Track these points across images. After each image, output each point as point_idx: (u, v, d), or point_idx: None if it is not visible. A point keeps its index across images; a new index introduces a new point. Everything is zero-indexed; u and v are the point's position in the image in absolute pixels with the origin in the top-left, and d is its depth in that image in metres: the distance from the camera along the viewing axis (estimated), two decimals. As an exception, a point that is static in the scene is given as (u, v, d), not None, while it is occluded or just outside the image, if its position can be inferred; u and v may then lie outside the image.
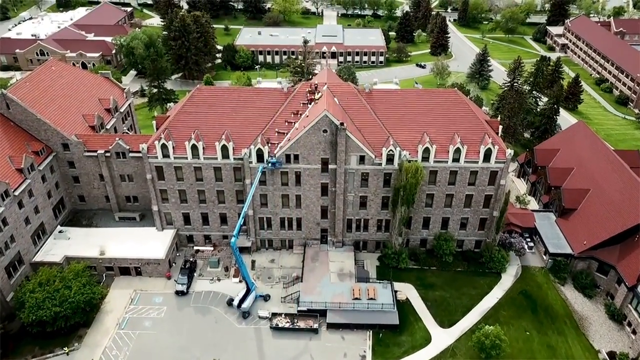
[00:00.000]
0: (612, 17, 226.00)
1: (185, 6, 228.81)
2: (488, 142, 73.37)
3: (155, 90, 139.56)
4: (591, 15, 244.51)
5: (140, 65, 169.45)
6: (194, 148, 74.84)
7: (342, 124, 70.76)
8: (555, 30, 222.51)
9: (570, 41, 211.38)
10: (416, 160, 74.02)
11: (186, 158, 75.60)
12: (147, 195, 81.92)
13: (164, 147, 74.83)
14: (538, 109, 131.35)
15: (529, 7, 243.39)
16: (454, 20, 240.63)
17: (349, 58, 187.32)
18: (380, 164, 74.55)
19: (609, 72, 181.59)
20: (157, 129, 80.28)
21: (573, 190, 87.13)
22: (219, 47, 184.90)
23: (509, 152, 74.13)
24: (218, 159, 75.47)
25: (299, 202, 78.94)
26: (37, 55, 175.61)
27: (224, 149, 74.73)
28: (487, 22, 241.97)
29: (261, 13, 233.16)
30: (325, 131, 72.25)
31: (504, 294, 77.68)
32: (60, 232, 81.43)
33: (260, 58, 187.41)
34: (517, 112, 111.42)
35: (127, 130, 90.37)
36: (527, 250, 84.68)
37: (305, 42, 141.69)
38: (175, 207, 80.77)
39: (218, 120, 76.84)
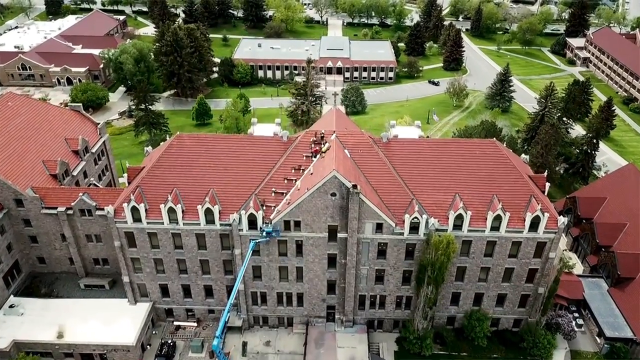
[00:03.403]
0: (637, 29, 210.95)
1: (182, 15, 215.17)
2: (536, 209, 58.92)
3: (142, 113, 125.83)
4: (611, 25, 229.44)
5: (129, 81, 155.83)
6: (172, 211, 60.67)
7: (354, 186, 56.48)
8: (575, 42, 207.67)
9: (593, 54, 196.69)
10: (446, 230, 59.70)
11: (162, 223, 61.40)
12: (119, 259, 67.81)
13: (134, 210, 60.62)
14: (568, 139, 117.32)
15: (545, 16, 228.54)
16: (466, 30, 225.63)
17: (355, 74, 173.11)
18: (402, 234, 60.20)
19: (638, 91, 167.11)
20: (129, 182, 66.29)
21: (629, 255, 72.55)
22: (217, 60, 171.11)
23: (562, 220, 59.70)
24: (201, 224, 61.26)
25: (301, 275, 64.65)
26: (19, 69, 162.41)
27: (208, 212, 60.49)
28: (501, 33, 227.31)
29: (262, 22, 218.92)
30: (333, 194, 57.97)
31: (553, 391, 63.42)
32: (11, 306, 67.26)
33: (260, 73, 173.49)
34: (551, 149, 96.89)
35: (94, 182, 76.37)
36: (576, 329, 70.15)
37: (309, 61, 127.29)
38: (150, 278, 66.61)
39: (201, 176, 62.50)
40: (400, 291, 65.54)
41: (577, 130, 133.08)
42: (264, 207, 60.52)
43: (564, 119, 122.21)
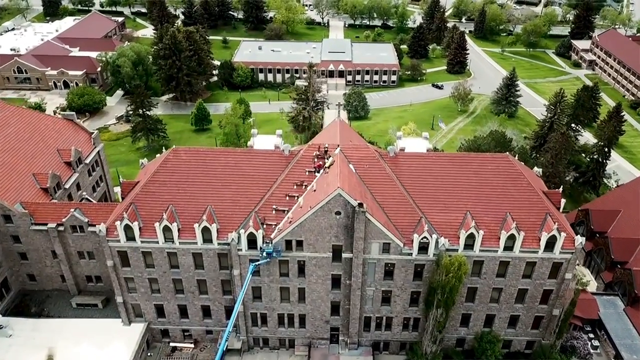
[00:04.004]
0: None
1: (181, 16, 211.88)
2: (552, 228, 55.74)
3: (139, 119, 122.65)
4: (617, 27, 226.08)
5: (127, 85, 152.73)
6: (167, 230, 57.48)
7: (360, 204, 53.30)
8: (580, 44, 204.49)
9: (599, 57, 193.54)
10: (457, 250, 56.50)
11: (157, 242, 58.20)
12: (112, 277, 64.58)
13: (127, 228, 57.43)
14: (577, 146, 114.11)
15: (550, 18, 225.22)
16: (470, 31, 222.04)
17: (357, 77, 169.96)
18: (410, 254, 56.99)
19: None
20: (123, 198, 63.16)
21: (647, 273, 69.47)
22: (216, 63, 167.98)
23: (580, 240, 56.55)
24: (198, 243, 58.07)
25: (303, 296, 61.42)
26: (15, 72, 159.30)
27: (206, 231, 57.31)
28: (505, 35, 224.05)
29: (263, 24, 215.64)
30: (338, 213, 54.76)
31: (568, 419, 60.26)
32: (-1, 327, 64.27)
33: (261, 76, 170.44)
34: (562, 158, 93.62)
35: (87, 197, 73.10)
36: (592, 351, 66.91)
37: (310, 65, 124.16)
38: (145, 298, 63.41)
39: (198, 192, 59.23)
40: (407, 313, 62.32)
41: (586, 137, 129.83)
42: (265, 226, 57.32)
43: (573, 125, 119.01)
